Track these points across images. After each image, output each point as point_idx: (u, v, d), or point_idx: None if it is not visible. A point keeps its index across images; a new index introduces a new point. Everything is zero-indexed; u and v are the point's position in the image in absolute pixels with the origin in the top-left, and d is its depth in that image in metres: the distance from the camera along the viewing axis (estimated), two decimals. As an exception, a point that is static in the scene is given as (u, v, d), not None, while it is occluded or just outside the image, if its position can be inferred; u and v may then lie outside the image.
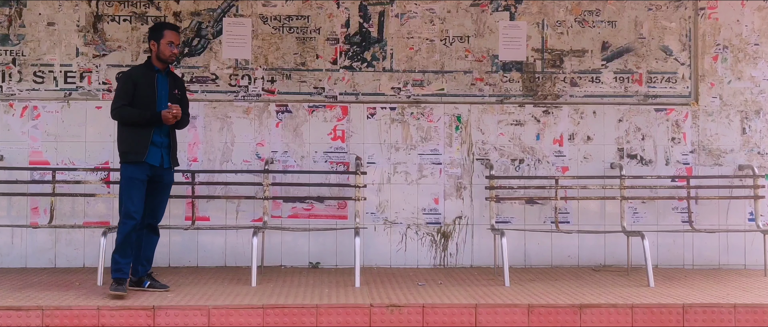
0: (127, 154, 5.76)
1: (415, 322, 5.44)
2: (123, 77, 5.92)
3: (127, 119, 5.77)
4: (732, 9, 7.38)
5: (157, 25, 6.07)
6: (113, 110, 5.78)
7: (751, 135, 7.34)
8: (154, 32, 5.91)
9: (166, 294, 5.82)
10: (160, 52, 5.85)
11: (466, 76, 7.32)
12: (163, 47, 5.84)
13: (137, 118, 5.76)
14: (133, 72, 5.91)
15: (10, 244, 7.05)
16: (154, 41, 5.87)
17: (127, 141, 5.77)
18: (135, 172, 5.75)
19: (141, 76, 5.84)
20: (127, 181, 5.75)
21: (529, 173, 7.23)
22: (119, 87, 5.84)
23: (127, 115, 5.76)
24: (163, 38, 5.84)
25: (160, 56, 5.87)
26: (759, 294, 6.00)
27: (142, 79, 5.82)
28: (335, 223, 7.11)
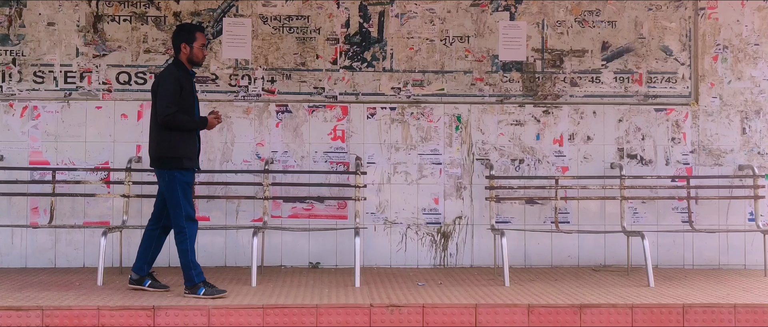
0: (183, 160, 5.69)
1: (415, 322, 5.44)
2: (171, 80, 5.70)
3: (180, 126, 5.68)
4: (732, 9, 7.38)
5: (188, 26, 5.99)
6: (167, 116, 5.61)
7: (751, 135, 7.34)
8: (187, 35, 5.83)
9: (166, 294, 5.82)
10: (194, 54, 5.82)
11: (466, 76, 7.32)
12: (196, 50, 5.81)
13: (190, 124, 5.73)
14: (177, 75, 5.73)
15: (10, 244, 7.05)
16: (185, 44, 5.80)
17: (180, 147, 5.69)
18: (189, 177, 5.75)
19: (183, 80, 5.75)
20: (183, 186, 5.69)
21: (529, 173, 7.23)
22: (168, 91, 5.65)
23: (181, 122, 5.68)
24: (196, 41, 5.81)
25: (193, 59, 5.83)
26: (759, 294, 6.00)
27: (185, 83, 5.75)
28: (335, 223, 7.11)
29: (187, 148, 5.73)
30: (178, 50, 5.84)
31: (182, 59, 5.84)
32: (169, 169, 5.70)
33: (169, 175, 5.70)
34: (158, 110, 5.68)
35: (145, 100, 7.13)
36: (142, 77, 7.17)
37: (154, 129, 5.78)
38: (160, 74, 5.88)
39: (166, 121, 5.64)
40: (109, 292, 5.85)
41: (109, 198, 7.01)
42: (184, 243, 5.71)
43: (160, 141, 5.72)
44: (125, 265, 6.90)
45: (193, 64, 5.89)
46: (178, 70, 5.80)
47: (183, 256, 5.72)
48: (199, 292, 5.65)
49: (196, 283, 5.69)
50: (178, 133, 5.70)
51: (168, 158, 5.70)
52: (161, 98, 5.67)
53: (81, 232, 7.04)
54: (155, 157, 5.78)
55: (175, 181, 5.69)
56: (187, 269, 5.71)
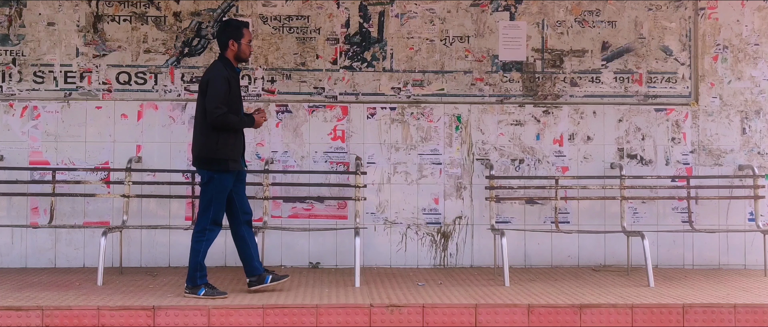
0: (228, 163, 5.64)
1: (415, 322, 5.44)
2: (220, 80, 5.61)
3: (229, 126, 5.63)
4: (732, 9, 7.37)
5: (235, 23, 5.87)
6: (217, 117, 5.53)
7: (751, 135, 7.34)
8: (235, 31, 5.75)
9: (167, 294, 5.82)
10: (241, 51, 5.75)
11: (466, 76, 7.32)
12: (244, 47, 5.75)
13: (239, 125, 5.68)
14: (226, 74, 5.65)
15: (10, 244, 7.05)
16: (233, 41, 5.72)
17: (226, 149, 5.64)
18: (228, 180, 5.68)
19: (231, 79, 5.68)
20: (220, 189, 5.65)
21: (529, 173, 7.22)
22: (219, 91, 5.57)
23: (231, 123, 5.63)
24: (244, 38, 5.74)
25: (240, 56, 5.77)
26: (759, 294, 6.00)
27: (232, 82, 5.69)
28: (335, 223, 7.11)
29: (233, 149, 5.69)
30: (225, 47, 5.75)
31: (229, 56, 5.76)
32: (211, 170, 5.65)
33: (208, 176, 5.66)
34: (208, 110, 5.58)
35: (145, 100, 7.14)
36: (142, 77, 7.17)
37: (201, 128, 5.69)
38: (209, 72, 5.73)
39: (216, 122, 5.56)
40: (109, 292, 5.85)
41: (109, 198, 7.01)
42: (200, 243, 5.69)
43: (207, 141, 5.64)
44: (125, 265, 6.91)
45: (239, 61, 5.82)
46: (225, 67, 5.71)
47: (194, 255, 5.69)
48: (199, 293, 5.65)
49: (198, 285, 5.68)
50: (225, 134, 5.64)
51: (213, 160, 5.64)
52: (211, 98, 5.57)
53: (81, 232, 7.04)
54: (200, 157, 5.71)
55: (213, 183, 5.65)
56: (193, 270, 5.70)
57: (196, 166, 5.78)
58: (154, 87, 7.18)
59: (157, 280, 6.43)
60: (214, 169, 5.64)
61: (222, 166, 5.63)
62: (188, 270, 5.74)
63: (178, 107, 7.14)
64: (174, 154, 7.12)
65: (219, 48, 5.86)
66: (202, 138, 5.67)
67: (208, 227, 5.68)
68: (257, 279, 5.84)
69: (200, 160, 5.71)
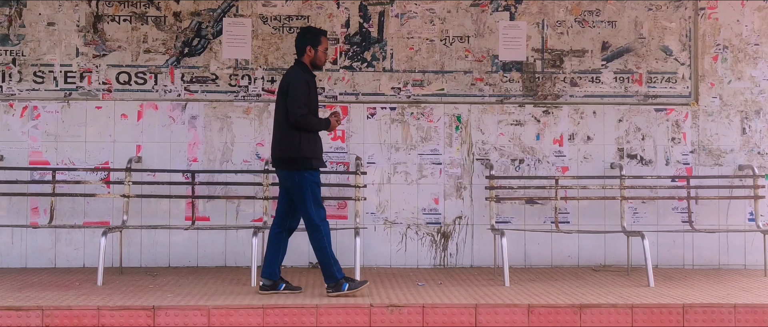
0: (312, 161, 5.73)
1: (415, 322, 5.44)
2: (302, 83, 5.75)
3: (310, 127, 5.74)
4: (732, 9, 7.37)
5: (314, 30, 6.00)
6: (300, 117, 5.66)
7: (751, 135, 7.34)
8: (313, 38, 5.87)
9: (167, 294, 5.82)
10: (318, 58, 5.87)
11: (466, 76, 7.32)
12: (320, 54, 5.87)
13: (318, 126, 5.79)
14: (307, 78, 5.80)
15: (10, 244, 7.05)
16: (311, 47, 5.84)
17: (311, 148, 5.74)
18: (317, 177, 5.79)
19: (310, 82, 5.81)
20: (313, 186, 5.73)
21: (529, 173, 7.22)
22: (300, 93, 5.70)
23: (311, 124, 5.74)
24: (321, 45, 5.86)
25: (316, 62, 5.88)
26: (759, 294, 6.00)
27: (312, 85, 5.82)
28: (335, 223, 7.10)
29: (315, 148, 5.78)
30: (303, 52, 5.88)
31: (305, 61, 5.87)
32: (299, 169, 5.71)
33: (298, 176, 5.72)
34: (290, 111, 5.68)
35: (145, 100, 7.14)
36: (142, 77, 7.18)
37: (282, 129, 5.78)
38: (290, 76, 5.85)
39: (298, 122, 5.67)
40: (109, 292, 5.85)
41: (109, 198, 7.01)
42: (321, 241, 5.73)
43: (290, 142, 5.72)
44: (125, 265, 6.92)
45: (314, 68, 5.93)
46: (307, 73, 5.85)
47: (322, 254, 5.74)
48: (344, 288, 5.68)
49: (339, 280, 5.72)
50: (306, 134, 5.74)
51: (298, 159, 5.72)
52: (293, 99, 5.69)
53: (81, 232, 7.04)
54: (283, 158, 5.78)
55: (305, 182, 5.71)
56: (327, 266, 5.73)
57: (278, 166, 5.86)
58: (154, 87, 7.18)
59: (157, 280, 6.43)
60: (299, 167, 5.72)
61: (306, 164, 5.72)
62: (322, 270, 5.78)
63: (178, 107, 7.14)
64: (174, 154, 7.12)
65: (296, 53, 5.96)
66: (284, 139, 5.77)
67: (318, 224, 5.74)
68: (272, 284, 5.87)
69: (283, 161, 5.79)
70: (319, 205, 5.77)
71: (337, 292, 5.70)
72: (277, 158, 5.84)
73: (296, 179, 5.73)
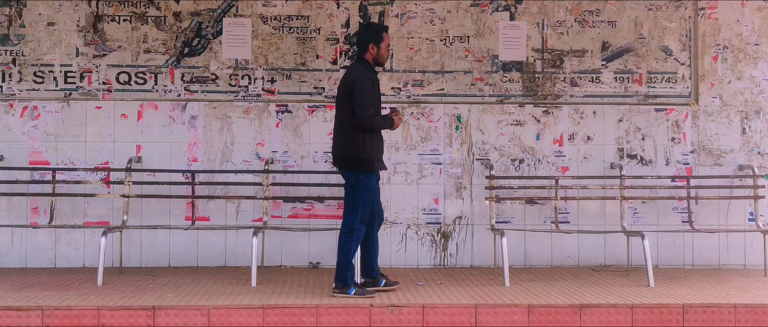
0: (373, 163, 5.73)
1: (415, 322, 5.44)
2: (367, 82, 5.69)
3: (375, 128, 5.72)
4: (732, 9, 7.37)
5: (376, 27, 5.97)
6: (366, 119, 5.62)
7: (751, 135, 7.34)
8: (375, 35, 5.82)
9: (167, 294, 5.82)
10: (380, 55, 5.84)
11: (466, 76, 7.32)
12: (383, 51, 5.84)
13: (383, 126, 5.77)
14: (371, 76, 5.75)
15: (10, 244, 7.05)
16: (373, 44, 5.80)
17: (374, 150, 5.73)
18: (373, 180, 5.78)
19: (375, 81, 5.78)
20: (367, 190, 5.73)
21: (529, 173, 7.22)
22: (366, 93, 5.65)
23: (377, 124, 5.72)
24: (383, 42, 5.83)
25: (379, 59, 5.85)
26: (759, 294, 6.00)
27: (376, 84, 5.79)
28: (335, 223, 7.09)
29: (377, 150, 5.78)
30: (365, 50, 5.83)
31: (368, 59, 5.84)
32: (357, 171, 5.71)
33: (355, 177, 5.72)
34: (357, 113, 5.63)
35: (145, 100, 7.14)
36: (142, 77, 7.18)
37: (345, 129, 5.75)
38: (355, 74, 5.75)
39: (364, 124, 5.64)
40: (109, 292, 5.85)
41: (109, 198, 7.01)
42: (349, 244, 5.73)
43: (353, 142, 5.70)
44: (125, 265, 6.92)
45: (377, 64, 5.90)
46: (370, 72, 5.80)
47: (344, 255, 5.73)
48: (350, 292, 5.69)
49: (348, 284, 5.72)
50: (370, 135, 5.71)
51: (358, 160, 5.71)
52: (359, 99, 5.63)
53: (81, 232, 7.04)
54: (344, 158, 5.77)
55: (360, 184, 5.71)
56: (343, 269, 5.73)
57: (339, 166, 5.85)
58: (154, 87, 7.18)
59: (157, 280, 6.43)
60: (360, 169, 5.71)
61: (368, 166, 5.71)
62: (337, 270, 5.76)
63: (178, 107, 7.14)
64: (174, 154, 7.12)
65: (358, 50, 5.92)
66: (346, 139, 5.74)
67: (356, 227, 5.72)
68: (372, 281, 5.93)
69: (344, 161, 5.78)
70: (365, 209, 5.75)
71: (344, 294, 5.71)
72: (338, 157, 5.83)
73: (352, 180, 5.74)
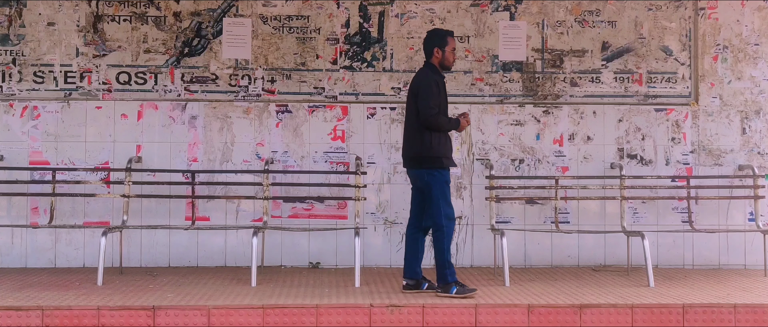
0: (442, 160, 5.82)
1: (415, 322, 5.44)
2: (432, 83, 5.83)
3: (440, 127, 5.82)
4: (732, 9, 7.37)
5: (441, 32, 6.06)
6: (430, 117, 5.76)
7: (751, 135, 7.34)
8: (440, 39, 5.95)
9: (167, 294, 5.82)
10: (445, 59, 5.95)
11: (466, 76, 7.32)
12: (448, 55, 5.94)
13: (448, 126, 5.86)
14: (435, 77, 5.87)
15: (10, 244, 7.05)
16: (438, 48, 5.92)
17: (441, 147, 5.82)
18: (447, 176, 5.86)
19: (440, 83, 5.89)
20: (444, 185, 5.82)
21: (529, 173, 7.22)
22: (430, 93, 5.79)
23: (442, 123, 5.83)
24: (448, 46, 5.93)
25: (444, 63, 5.95)
26: (759, 294, 6.00)
27: (441, 86, 5.89)
28: (335, 223, 7.10)
29: (445, 147, 5.86)
30: (430, 54, 5.96)
31: (434, 63, 5.96)
32: (429, 168, 5.81)
33: (428, 175, 5.81)
34: (421, 111, 5.78)
35: (145, 100, 7.14)
36: (142, 77, 7.18)
37: (413, 129, 5.89)
38: (420, 77, 5.94)
39: (428, 121, 5.77)
40: (109, 292, 5.85)
41: (109, 198, 7.01)
42: (441, 241, 5.80)
43: (420, 141, 5.82)
44: (125, 265, 6.91)
45: (443, 68, 5.99)
46: (436, 74, 5.92)
47: (440, 254, 5.79)
48: (452, 291, 5.72)
49: (449, 283, 5.75)
50: (436, 133, 5.82)
51: (429, 157, 5.80)
52: (423, 99, 5.78)
53: (81, 232, 7.04)
54: (414, 157, 5.89)
55: (435, 180, 5.80)
56: (442, 267, 5.78)
57: (410, 166, 5.94)
58: (154, 87, 7.18)
59: (157, 280, 6.43)
60: (431, 166, 5.81)
61: (437, 162, 5.81)
62: (437, 269, 5.83)
63: (178, 107, 7.14)
64: (174, 154, 7.12)
65: (424, 55, 6.02)
66: (415, 139, 5.86)
67: (443, 223, 5.79)
68: (415, 283, 5.95)
69: (415, 160, 5.89)
70: (448, 204, 5.83)
71: (446, 293, 5.74)
72: (408, 157, 5.94)
73: (426, 178, 5.83)
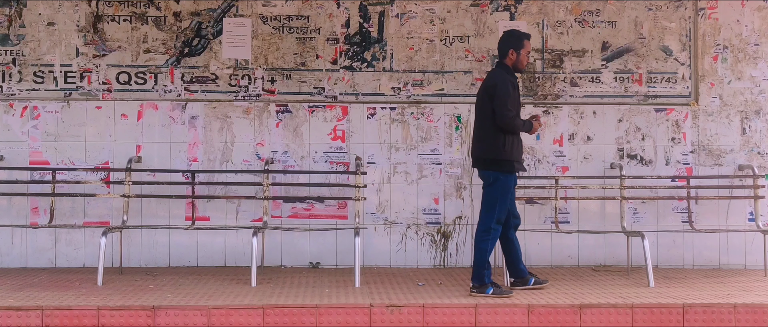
0: (512, 164, 5.82)
1: (415, 322, 5.44)
2: (507, 85, 5.80)
3: (515, 129, 5.81)
4: (732, 9, 7.38)
5: (517, 34, 6.03)
6: (508, 119, 5.73)
7: (751, 135, 7.34)
8: (516, 41, 5.92)
9: (167, 294, 5.82)
10: (520, 61, 5.93)
11: (466, 76, 7.32)
12: (522, 57, 5.93)
13: (522, 128, 5.84)
14: (510, 80, 5.85)
15: (10, 244, 7.05)
16: (513, 50, 5.90)
17: (513, 151, 5.82)
18: (512, 181, 5.86)
19: (514, 85, 5.88)
20: (505, 189, 5.81)
21: (529, 173, 7.22)
22: (507, 95, 5.76)
23: (517, 126, 5.80)
24: (524, 49, 5.92)
25: (518, 65, 5.94)
26: (759, 294, 6.00)
27: (516, 88, 5.89)
28: (335, 223, 7.11)
29: (517, 151, 5.86)
30: (505, 55, 5.94)
31: (508, 64, 5.94)
32: (497, 170, 5.81)
33: (494, 177, 5.82)
34: (498, 113, 5.75)
35: (145, 100, 7.14)
36: (142, 77, 7.18)
37: (485, 130, 5.86)
38: (495, 77, 5.90)
39: (505, 124, 5.75)
40: (109, 292, 5.85)
41: (109, 198, 7.01)
42: (485, 242, 5.82)
43: (493, 143, 5.80)
44: (125, 265, 6.92)
45: (516, 70, 5.98)
46: (511, 75, 5.90)
47: (480, 254, 5.82)
48: (488, 292, 5.76)
49: (486, 283, 5.79)
50: (510, 136, 5.81)
51: (498, 160, 5.80)
52: (500, 101, 5.75)
53: (81, 232, 7.04)
54: (484, 159, 5.88)
55: (499, 184, 5.81)
56: (480, 268, 5.81)
57: (480, 167, 5.94)
58: (154, 87, 7.18)
59: (157, 280, 6.43)
60: (500, 169, 5.81)
61: (507, 167, 5.81)
62: (474, 269, 5.84)
63: (178, 107, 7.14)
64: (174, 154, 7.12)
65: (499, 55, 6.01)
66: (487, 140, 5.84)
67: (493, 227, 5.81)
68: (521, 281, 6.02)
69: (485, 162, 5.87)
70: (503, 209, 5.84)
71: (482, 293, 5.77)
72: (478, 158, 5.93)
73: (491, 179, 5.83)
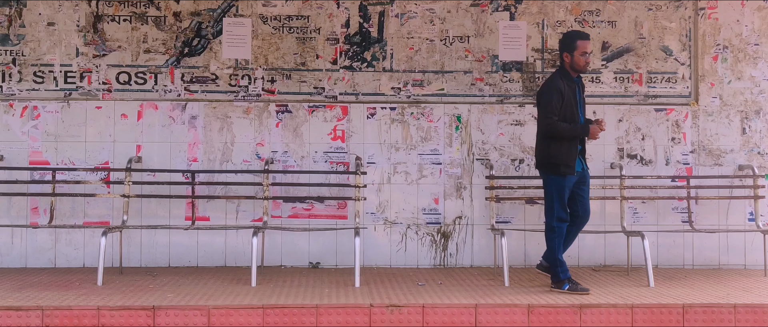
0: (560, 167, 5.94)
1: (415, 322, 5.44)
2: (551, 89, 5.94)
3: (560, 135, 5.92)
4: (732, 9, 7.38)
5: (570, 35, 6.11)
6: (548, 125, 5.91)
7: (751, 135, 7.34)
8: (567, 43, 6.01)
9: (167, 294, 5.82)
10: (575, 62, 5.99)
11: (466, 76, 7.32)
12: (576, 58, 5.99)
13: (570, 133, 5.93)
14: (558, 84, 5.95)
15: (10, 244, 7.05)
16: (566, 53, 6.00)
17: (560, 155, 5.93)
18: (565, 181, 5.97)
19: (565, 87, 5.95)
20: (559, 190, 5.97)
21: (529, 173, 7.22)
22: (548, 101, 5.91)
23: (562, 131, 5.92)
24: (577, 50, 5.97)
25: (575, 66, 6.00)
26: (759, 294, 6.00)
27: (566, 91, 5.95)
28: (335, 223, 7.11)
29: (565, 155, 5.94)
30: (561, 59, 6.07)
31: (565, 67, 6.04)
32: (548, 173, 6.02)
33: (547, 179, 6.04)
34: (539, 120, 6.04)
35: (145, 100, 7.14)
36: (142, 77, 7.18)
37: (538, 134, 6.10)
38: (543, 84, 6.09)
39: (545, 130, 5.96)
40: (109, 292, 5.85)
41: (109, 198, 7.01)
42: (553, 241, 6.02)
43: (542, 147, 6.04)
44: (125, 265, 6.92)
45: (574, 71, 6.04)
46: (560, 78, 6.00)
47: (551, 253, 6.05)
48: (564, 288, 5.93)
49: (561, 280, 5.97)
50: (557, 141, 5.94)
51: (548, 164, 6.00)
52: (543, 108, 5.98)
53: (81, 232, 7.04)
54: (537, 161, 6.17)
55: (552, 185, 6.00)
56: (554, 266, 6.03)
57: (538, 168, 6.18)
58: (154, 87, 7.18)
59: (157, 280, 6.43)
60: (549, 172, 6.02)
61: (554, 170, 5.97)
62: (550, 268, 6.08)
63: (178, 107, 7.14)
64: (174, 154, 7.12)
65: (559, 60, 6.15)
66: (539, 144, 6.11)
67: (554, 225, 6.01)
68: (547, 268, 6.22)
69: (538, 164, 6.17)
70: (562, 207, 5.99)
71: (559, 289, 5.96)
72: (537, 161, 6.19)
73: (545, 181, 6.07)
